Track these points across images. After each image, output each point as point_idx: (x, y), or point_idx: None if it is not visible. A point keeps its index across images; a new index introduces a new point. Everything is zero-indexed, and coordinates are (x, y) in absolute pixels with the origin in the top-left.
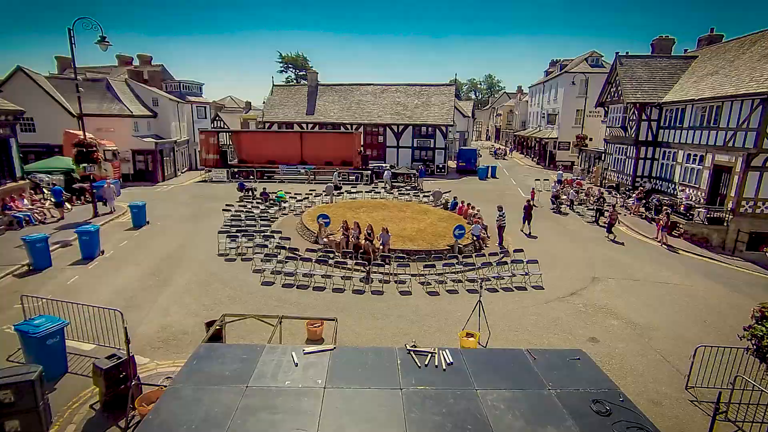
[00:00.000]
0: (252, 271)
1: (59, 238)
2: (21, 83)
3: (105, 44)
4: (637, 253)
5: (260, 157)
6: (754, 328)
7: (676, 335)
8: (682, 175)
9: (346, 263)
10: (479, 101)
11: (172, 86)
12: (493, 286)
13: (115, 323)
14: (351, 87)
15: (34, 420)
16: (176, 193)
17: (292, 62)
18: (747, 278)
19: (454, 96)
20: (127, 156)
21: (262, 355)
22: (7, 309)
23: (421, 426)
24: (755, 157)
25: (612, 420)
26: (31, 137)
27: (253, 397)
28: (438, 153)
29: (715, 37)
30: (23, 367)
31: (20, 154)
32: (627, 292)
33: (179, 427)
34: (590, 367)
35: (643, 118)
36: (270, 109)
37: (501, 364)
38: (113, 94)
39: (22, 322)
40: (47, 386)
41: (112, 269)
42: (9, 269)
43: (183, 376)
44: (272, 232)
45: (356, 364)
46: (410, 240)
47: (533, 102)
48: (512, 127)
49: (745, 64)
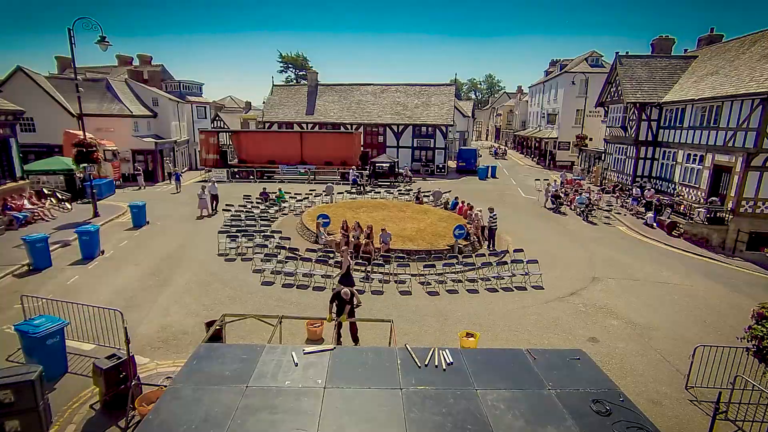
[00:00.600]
0: (252, 271)
1: (59, 238)
2: (21, 83)
3: (105, 44)
4: (637, 253)
5: (260, 157)
6: (754, 328)
7: (676, 335)
8: (682, 175)
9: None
10: (479, 101)
11: (172, 86)
12: (493, 286)
13: (116, 323)
14: (351, 87)
15: (34, 420)
16: (176, 194)
17: (292, 62)
18: (747, 278)
19: (454, 96)
20: (127, 156)
21: (262, 355)
22: (7, 309)
23: (421, 426)
24: (755, 157)
25: (612, 420)
26: (31, 137)
27: (253, 397)
28: (438, 153)
29: (715, 37)
30: (23, 367)
31: (20, 154)
32: (627, 292)
33: (179, 427)
34: (590, 367)
35: (643, 118)
36: (270, 109)
37: (501, 364)
38: (113, 94)
39: (22, 321)
40: (47, 386)
41: (112, 269)
42: (9, 269)
43: (183, 376)
44: (272, 232)
45: (356, 364)
46: (410, 240)
47: (533, 102)
48: (512, 127)
49: (745, 64)
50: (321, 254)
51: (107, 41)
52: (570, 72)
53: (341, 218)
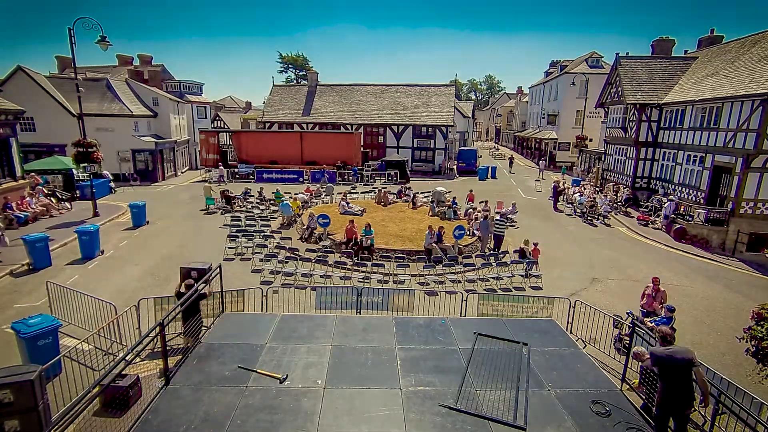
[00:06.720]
0: (251, 271)
1: (59, 237)
2: (21, 83)
3: (105, 44)
4: (637, 254)
5: (260, 157)
6: (754, 329)
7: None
8: (682, 176)
9: (345, 263)
10: (479, 102)
11: (172, 86)
12: (491, 286)
13: (116, 317)
14: (351, 87)
15: (33, 420)
16: (176, 193)
17: (292, 62)
18: (747, 279)
19: (454, 96)
20: (127, 156)
21: (262, 355)
22: (7, 309)
23: (420, 426)
24: (755, 158)
25: (612, 421)
26: (31, 137)
27: (253, 397)
28: (438, 153)
29: (715, 38)
30: (23, 367)
31: (20, 154)
32: (627, 293)
33: (179, 427)
34: (590, 367)
35: (643, 118)
36: (270, 109)
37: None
38: (113, 93)
39: (19, 320)
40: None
41: (112, 269)
42: (9, 268)
43: (183, 376)
44: (272, 232)
45: (356, 364)
46: (410, 240)
47: (533, 102)
48: (512, 127)
49: (745, 65)
50: (320, 254)
51: (107, 41)
52: (570, 73)
53: (341, 218)
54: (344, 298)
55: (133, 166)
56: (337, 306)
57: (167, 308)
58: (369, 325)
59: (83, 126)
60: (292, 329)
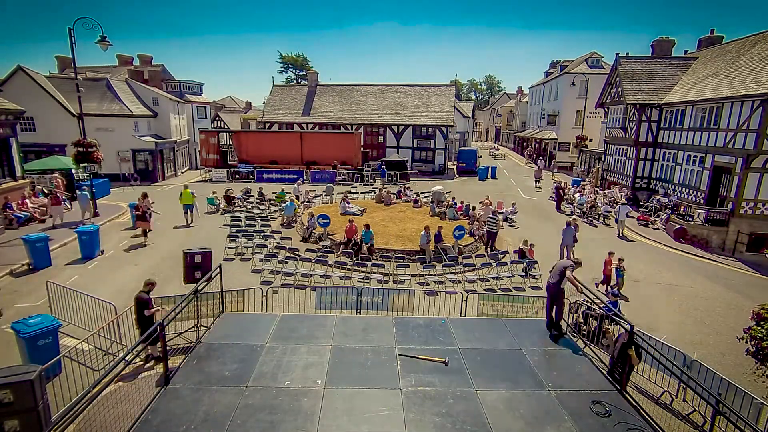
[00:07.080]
0: (251, 271)
1: (59, 237)
2: (21, 83)
3: (105, 44)
4: (638, 254)
5: (260, 158)
6: (754, 329)
7: (676, 336)
8: (682, 176)
9: (345, 263)
10: (479, 102)
11: (172, 86)
12: (491, 286)
13: (117, 317)
14: (351, 87)
15: (33, 420)
16: (176, 194)
17: (292, 62)
18: (747, 279)
19: (454, 96)
20: (127, 156)
21: (262, 355)
22: (7, 308)
23: (420, 426)
24: (755, 158)
25: (612, 421)
26: (31, 137)
27: (253, 397)
28: (438, 153)
29: (715, 39)
30: (23, 367)
31: (20, 154)
32: (627, 293)
33: (179, 428)
34: (590, 367)
35: (644, 119)
36: (270, 109)
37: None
38: (113, 93)
39: (19, 320)
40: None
41: (112, 269)
42: (9, 268)
43: (183, 376)
44: (272, 232)
45: (356, 364)
46: (410, 240)
47: (533, 103)
48: (512, 127)
49: (745, 66)
50: (320, 254)
51: (107, 41)
52: (570, 73)
53: (341, 218)
54: (344, 298)
55: (133, 166)
56: (337, 306)
57: (167, 308)
58: (369, 325)
59: (83, 126)
60: (292, 329)
